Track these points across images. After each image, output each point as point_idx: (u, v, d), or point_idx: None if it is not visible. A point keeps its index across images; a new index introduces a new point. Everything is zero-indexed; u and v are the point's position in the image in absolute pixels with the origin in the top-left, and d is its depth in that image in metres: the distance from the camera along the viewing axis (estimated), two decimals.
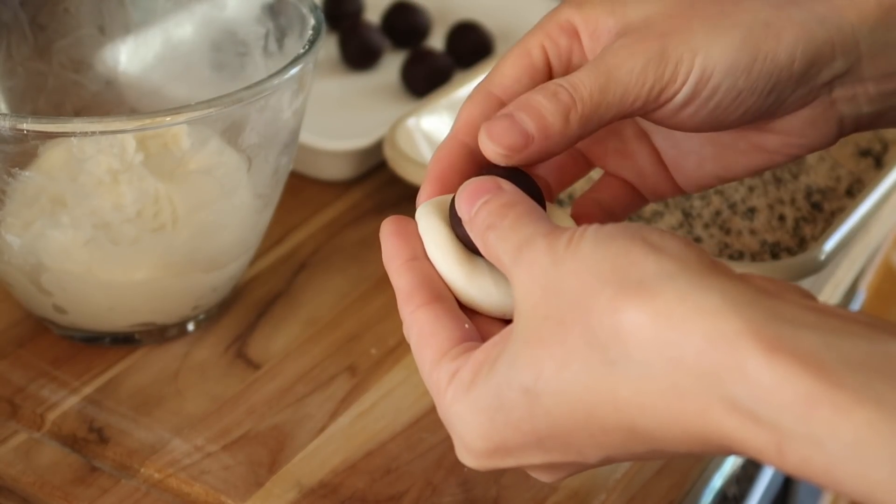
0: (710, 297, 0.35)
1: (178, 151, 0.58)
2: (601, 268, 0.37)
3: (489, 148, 0.43)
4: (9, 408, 0.58)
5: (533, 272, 0.39)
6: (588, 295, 0.37)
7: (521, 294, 0.39)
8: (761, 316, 0.34)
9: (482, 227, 0.41)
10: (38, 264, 0.58)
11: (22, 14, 0.64)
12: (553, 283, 0.38)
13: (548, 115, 0.42)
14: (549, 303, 0.38)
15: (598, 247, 0.37)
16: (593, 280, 0.37)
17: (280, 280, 0.67)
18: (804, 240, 0.68)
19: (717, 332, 0.34)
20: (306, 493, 0.54)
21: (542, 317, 0.38)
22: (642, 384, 0.36)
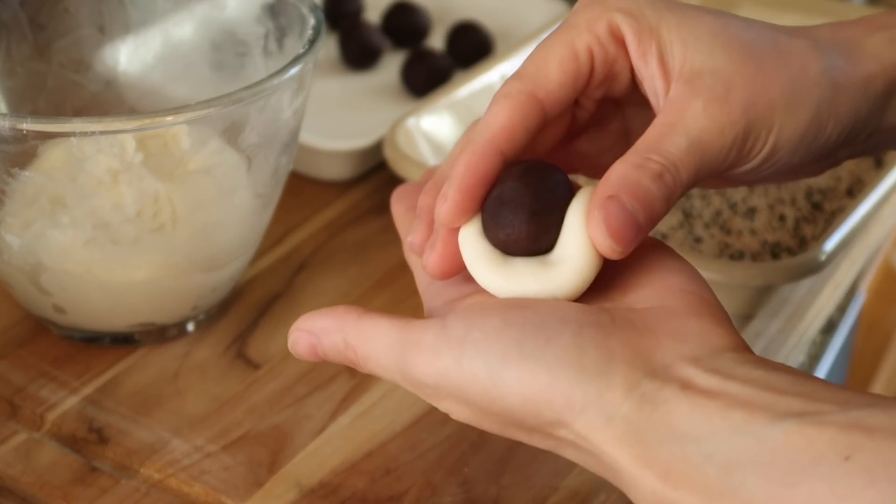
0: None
1: (178, 151, 0.58)
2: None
3: (605, 243, 0.41)
4: (9, 408, 0.58)
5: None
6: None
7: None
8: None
9: None
10: (38, 264, 0.57)
11: (22, 14, 0.64)
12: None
13: (656, 204, 0.41)
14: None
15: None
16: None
17: (280, 280, 0.67)
18: (804, 240, 0.68)
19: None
20: (306, 493, 0.54)
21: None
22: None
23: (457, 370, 0.40)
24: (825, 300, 0.71)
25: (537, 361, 0.39)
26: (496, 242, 0.43)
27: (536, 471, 0.55)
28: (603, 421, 0.38)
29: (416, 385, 0.42)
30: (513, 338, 0.39)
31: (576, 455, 0.41)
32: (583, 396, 0.38)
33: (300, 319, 0.45)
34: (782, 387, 0.37)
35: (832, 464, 0.34)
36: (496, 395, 0.40)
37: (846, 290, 0.74)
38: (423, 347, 0.41)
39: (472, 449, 0.56)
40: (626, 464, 0.38)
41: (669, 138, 0.42)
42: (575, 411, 0.39)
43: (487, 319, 0.40)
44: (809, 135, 0.44)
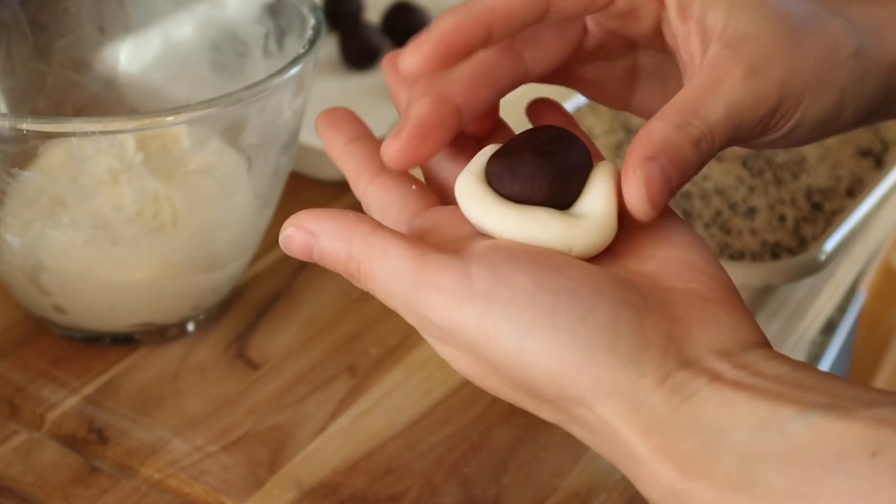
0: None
1: (178, 151, 0.58)
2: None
3: (640, 205, 0.40)
4: (9, 408, 0.58)
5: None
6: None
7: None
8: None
9: None
10: (38, 264, 0.57)
11: (22, 14, 0.64)
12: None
13: (690, 170, 0.41)
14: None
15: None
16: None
17: (280, 280, 0.67)
18: (804, 240, 0.68)
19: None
20: (306, 493, 0.54)
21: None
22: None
23: (478, 327, 0.38)
24: (825, 300, 0.71)
25: (570, 338, 0.37)
26: (511, 192, 0.41)
27: (536, 471, 0.55)
28: (629, 409, 0.37)
29: (422, 322, 0.40)
30: (545, 307, 0.38)
31: (586, 435, 0.40)
32: (613, 382, 0.37)
33: (298, 214, 0.43)
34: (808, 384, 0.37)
35: (858, 459, 0.34)
36: (518, 363, 0.38)
37: (846, 290, 0.74)
38: (441, 289, 0.39)
39: (472, 449, 0.56)
40: (646, 454, 0.37)
41: (709, 103, 0.41)
42: (601, 395, 0.38)
43: (516, 276, 0.38)
44: (831, 116, 0.44)
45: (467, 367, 0.41)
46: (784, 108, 0.43)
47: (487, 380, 0.40)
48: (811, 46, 0.43)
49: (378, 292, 0.41)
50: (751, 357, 0.38)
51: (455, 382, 0.59)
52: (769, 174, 0.72)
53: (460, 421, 0.57)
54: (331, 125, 0.48)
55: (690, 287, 0.40)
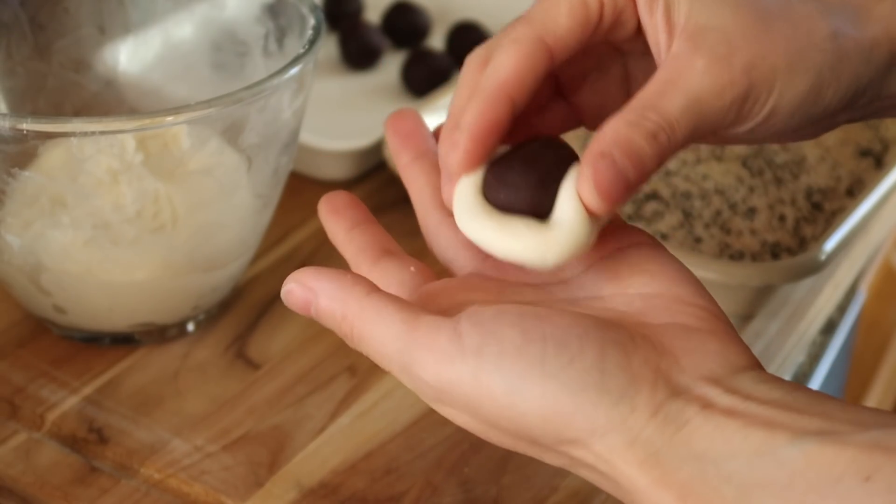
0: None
1: (178, 151, 0.58)
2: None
3: (592, 200, 0.41)
4: (9, 408, 0.58)
5: None
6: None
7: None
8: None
9: None
10: (38, 264, 0.58)
11: (22, 14, 0.64)
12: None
13: (648, 162, 0.41)
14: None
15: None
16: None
17: (280, 280, 0.66)
18: (804, 240, 0.68)
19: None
20: (306, 493, 0.54)
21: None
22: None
23: (472, 382, 0.39)
24: (825, 300, 0.71)
25: (560, 383, 0.38)
26: (497, 200, 0.42)
27: (536, 471, 0.55)
28: (625, 444, 0.38)
29: (416, 383, 0.41)
30: (534, 355, 0.39)
31: (590, 475, 0.40)
32: (606, 420, 0.38)
33: (301, 272, 0.44)
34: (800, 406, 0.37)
35: (852, 484, 0.34)
36: (513, 414, 0.39)
37: (846, 290, 0.74)
38: (433, 349, 0.40)
39: (472, 449, 0.56)
40: (645, 486, 0.38)
41: (667, 97, 0.41)
42: (597, 434, 0.38)
43: (504, 330, 0.39)
44: (809, 99, 0.43)
45: (466, 423, 0.42)
46: (756, 93, 0.42)
47: (488, 433, 0.41)
48: (780, 31, 0.43)
49: (371, 353, 0.42)
50: (742, 381, 0.39)
51: None
52: (769, 174, 0.72)
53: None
54: (332, 212, 0.50)
55: (677, 321, 0.41)
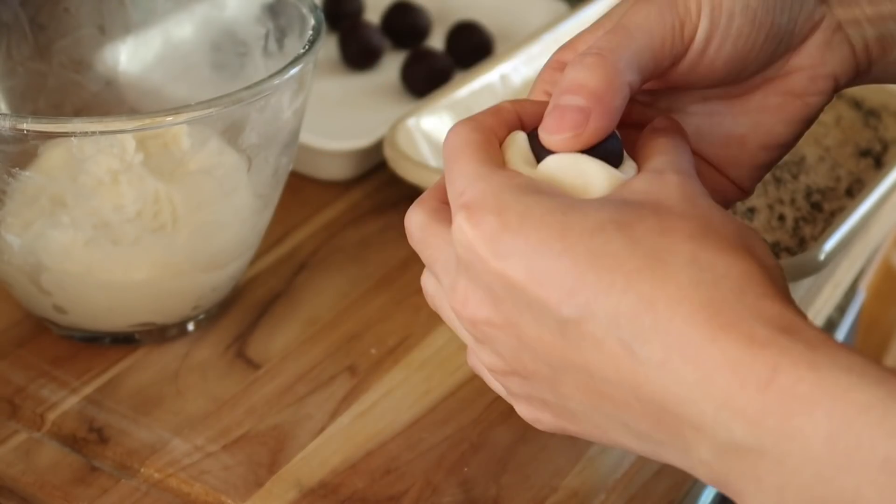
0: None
1: (178, 151, 0.58)
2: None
3: (553, 141, 0.42)
4: (9, 408, 0.58)
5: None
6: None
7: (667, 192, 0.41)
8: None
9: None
10: (38, 264, 0.58)
11: (22, 14, 0.64)
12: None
13: (588, 81, 0.42)
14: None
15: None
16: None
17: (280, 280, 0.67)
18: (804, 240, 0.68)
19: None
20: (306, 493, 0.54)
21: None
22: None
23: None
24: (825, 300, 0.71)
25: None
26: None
27: (536, 471, 0.55)
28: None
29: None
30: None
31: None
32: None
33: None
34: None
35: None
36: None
37: (846, 289, 0.74)
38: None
39: (472, 449, 0.56)
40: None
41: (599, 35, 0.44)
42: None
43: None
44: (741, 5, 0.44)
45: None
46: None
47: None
48: None
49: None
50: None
51: (455, 382, 0.60)
52: (769, 174, 0.72)
53: (460, 421, 0.57)
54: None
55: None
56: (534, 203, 0.40)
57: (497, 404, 0.58)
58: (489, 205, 0.40)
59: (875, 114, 0.76)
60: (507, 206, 0.40)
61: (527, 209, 0.39)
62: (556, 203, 0.40)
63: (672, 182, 0.41)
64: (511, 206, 0.40)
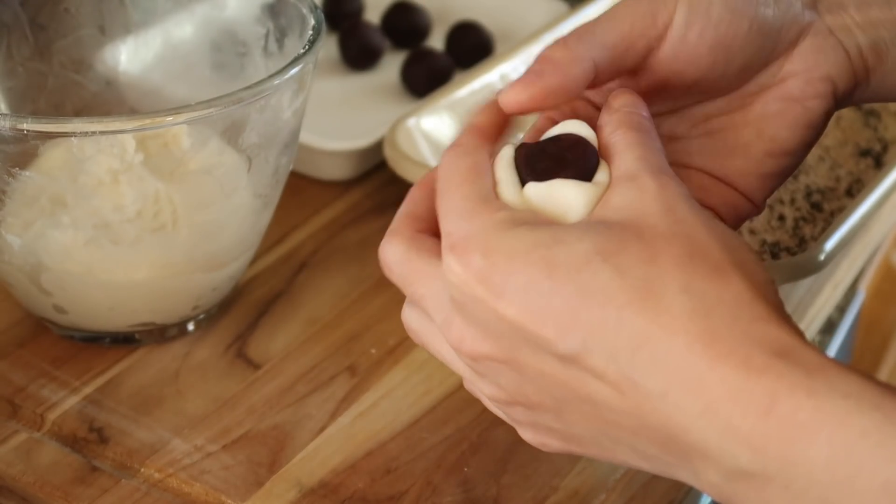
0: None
1: (178, 151, 0.58)
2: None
3: (507, 101, 0.43)
4: (9, 408, 0.58)
5: (667, 199, 0.40)
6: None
7: (646, 204, 0.40)
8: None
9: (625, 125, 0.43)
10: (38, 264, 0.58)
11: (22, 14, 0.64)
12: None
13: (548, 53, 0.44)
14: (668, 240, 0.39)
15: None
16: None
17: (280, 280, 0.67)
18: (804, 240, 0.68)
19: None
20: (306, 493, 0.54)
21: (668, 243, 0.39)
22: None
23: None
24: (825, 300, 0.71)
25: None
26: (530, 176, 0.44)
27: (536, 471, 0.55)
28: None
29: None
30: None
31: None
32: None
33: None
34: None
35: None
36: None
37: (846, 289, 0.74)
38: None
39: (472, 449, 0.56)
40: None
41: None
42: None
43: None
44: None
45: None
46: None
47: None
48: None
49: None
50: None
51: (455, 382, 0.59)
52: None
53: (460, 421, 0.57)
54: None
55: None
56: (517, 240, 0.40)
57: None
58: (475, 245, 0.40)
59: (875, 114, 0.76)
60: (493, 247, 0.40)
61: (511, 248, 0.40)
62: (540, 237, 0.40)
63: (649, 190, 0.41)
64: (496, 246, 0.40)
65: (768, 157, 0.48)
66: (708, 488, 0.39)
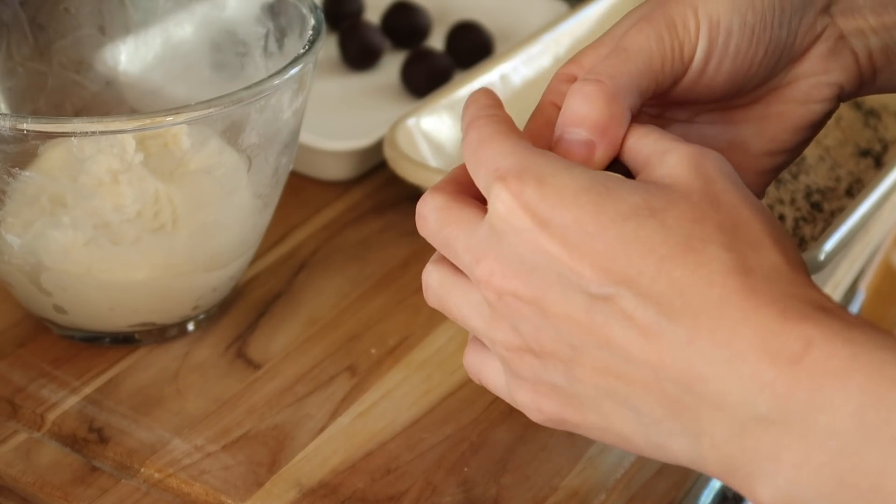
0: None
1: (178, 151, 0.58)
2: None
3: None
4: (9, 408, 0.58)
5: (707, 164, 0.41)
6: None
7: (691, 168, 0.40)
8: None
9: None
10: (38, 264, 0.58)
11: (22, 14, 0.64)
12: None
13: (590, 113, 0.43)
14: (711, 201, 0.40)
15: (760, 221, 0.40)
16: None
17: (280, 280, 0.67)
18: (804, 240, 0.68)
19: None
20: (306, 493, 0.54)
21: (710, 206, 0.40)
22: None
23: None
24: None
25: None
26: None
27: (536, 471, 0.55)
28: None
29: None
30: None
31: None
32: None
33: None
34: None
35: None
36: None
37: (846, 289, 0.74)
38: None
39: (472, 449, 0.56)
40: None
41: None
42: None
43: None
44: (742, 6, 0.45)
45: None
46: (680, 16, 0.45)
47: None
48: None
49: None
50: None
51: (455, 382, 0.60)
52: None
53: (460, 421, 0.57)
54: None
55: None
56: (571, 178, 0.40)
57: (497, 404, 0.58)
58: (528, 175, 0.40)
59: (875, 114, 0.76)
60: (547, 180, 0.40)
61: (564, 184, 0.40)
62: (594, 181, 0.40)
63: (690, 157, 0.41)
64: (550, 180, 0.40)
65: (766, 156, 0.48)
66: (708, 452, 0.38)
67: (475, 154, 0.42)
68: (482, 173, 0.42)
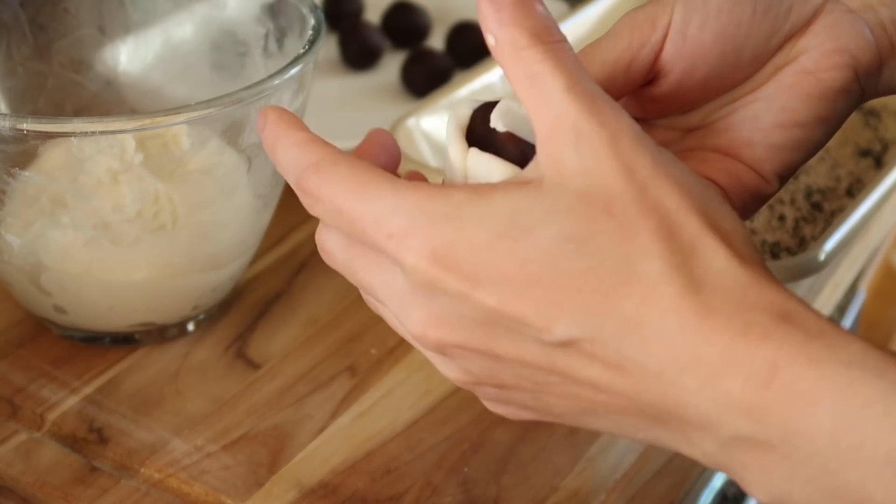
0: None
1: (178, 151, 0.58)
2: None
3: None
4: (9, 408, 0.58)
5: (604, 138, 0.38)
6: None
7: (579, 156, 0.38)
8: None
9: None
10: (38, 264, 0.58)
11: (22, 14, 0.64)
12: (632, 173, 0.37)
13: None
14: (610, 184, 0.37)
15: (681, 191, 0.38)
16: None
17: (280, 280, 0.67)
18: (804, 240, 0.68)
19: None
20: (306, 493, 0.54)
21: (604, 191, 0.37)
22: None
23: None
24: (825, 300, 0.71)
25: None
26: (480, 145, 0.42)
27: (536, 471, 0.55)
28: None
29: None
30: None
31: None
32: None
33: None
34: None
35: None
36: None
37: (846, 289, 0.74)
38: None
39: (472, 449, 0.56)
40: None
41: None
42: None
43: None
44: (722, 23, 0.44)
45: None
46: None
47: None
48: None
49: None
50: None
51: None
52: None
53: (460, 421, 0.57)
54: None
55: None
56: (472, 230, 0.37)
57: None
58: (426, 235, 0.38)
59: (875, 114, 0.76)
60: (448, 237, 0.37)
61: (471, 236, 0.37)
62: (498, 225, 0.37)
63: (600, 142, 0.38)
64: (452, 234, 0.37)
65: (777, 128, 0.46)
66: (702, 457, 0.38)
67: (340, 205, 0.40)
68: (372, 230, 0.39)
